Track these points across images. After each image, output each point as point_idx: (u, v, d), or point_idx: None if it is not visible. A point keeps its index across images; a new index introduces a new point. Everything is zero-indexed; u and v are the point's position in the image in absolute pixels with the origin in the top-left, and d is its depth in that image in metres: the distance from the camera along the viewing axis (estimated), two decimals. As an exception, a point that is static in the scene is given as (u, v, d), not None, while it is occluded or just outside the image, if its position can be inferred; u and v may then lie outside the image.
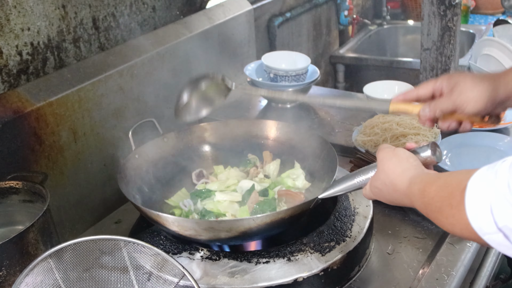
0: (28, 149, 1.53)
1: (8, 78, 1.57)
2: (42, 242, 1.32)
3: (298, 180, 1.53)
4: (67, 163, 1.64)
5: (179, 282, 1.19)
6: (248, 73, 2.23)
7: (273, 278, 1.25)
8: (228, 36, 2.27)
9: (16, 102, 1.51)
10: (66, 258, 1.18)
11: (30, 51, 1.62)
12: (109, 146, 1.78)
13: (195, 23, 2.13)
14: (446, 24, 2.01)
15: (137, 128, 1.58)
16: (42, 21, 1.64)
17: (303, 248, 1.33)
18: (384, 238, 1.50)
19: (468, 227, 0.84)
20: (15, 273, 1.25)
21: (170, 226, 1.33)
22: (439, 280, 1.30)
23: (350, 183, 1.25)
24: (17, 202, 1.46)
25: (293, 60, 2.28)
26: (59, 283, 1.18)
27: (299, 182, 1.53)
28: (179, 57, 2.02)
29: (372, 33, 3.86)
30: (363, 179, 1.22)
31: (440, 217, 0.94)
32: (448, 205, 0.90)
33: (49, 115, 1.57)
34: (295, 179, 1.54)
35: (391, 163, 1.12)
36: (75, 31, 1.75)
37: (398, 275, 1.37)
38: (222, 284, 1.24)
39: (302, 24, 3.19)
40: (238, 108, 2.23)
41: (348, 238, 1.36)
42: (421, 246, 1.46)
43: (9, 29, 1.55)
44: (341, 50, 3.57)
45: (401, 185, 1.08)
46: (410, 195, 1.05)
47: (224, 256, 1.32)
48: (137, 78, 1.84)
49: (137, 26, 1.99)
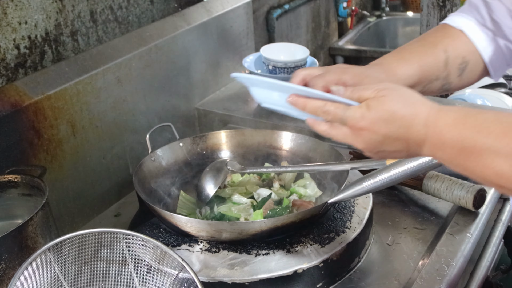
0: (27, 143, 1.53)
1: (6, 72, 1.57)
2: (41, 236, 1.31)
3: (309, 188, 1.54)
4: (65, 157, 1.64)
5: (178, 275, 1.19)
6: (247, 65, 2.23)
7: (272, 269, 1.25)
8: (226, 28, 2.26)
9: (14, 95, 1.50)
10: (65, 251, 1.18)
11: (27, 45, 1.61)
12: (108, 140, 1.77)
13: (193, 16, 2.12)
14: (445, 14, 2.01)
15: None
16: (39, 14, 1.63)
17: (303, 240, 1.33)
18: (384, 229, 1.50)
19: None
20: (14, 267, 1.25)
21: (183, 227, 1.34)
22: (439, 270, 1.30)
23: (358, 187, 1.25)
24: (15, 196, 1.45)
25: (292, 52, 2.27)
26: (59, 276, 1.18)
27: (311, 190, 1.53)
28: (177, 49, 2.02)
29: (371, 25, 3.86)
30: (372, 183, 1.22)
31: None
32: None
33: (47, 109, 1.56)
34: (307, 187, 1.54)
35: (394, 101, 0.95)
36: (72, 24, 1.74)
37: (398, 266, 1.37)
38: (222, 276, 1.24)
39: (301, 16, 3.18)
40: (237, 101, 2.22)
41: (348, 229, 1.35)
42: (421, 237, 1.46)
43: (6, 23, 1.54)
44: (340, 42, 3.56)
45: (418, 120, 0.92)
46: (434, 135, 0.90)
47: (223, 248, 1.32)
48: (135, 71, 1.84)
49: (135, 18, 1.99)
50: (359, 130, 0.95)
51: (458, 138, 0.88)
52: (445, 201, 1.53)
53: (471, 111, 0.89)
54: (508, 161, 0.83)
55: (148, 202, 1.39)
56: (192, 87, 2.13)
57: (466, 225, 1.44)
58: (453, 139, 0.88)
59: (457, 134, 0.88)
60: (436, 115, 0.91)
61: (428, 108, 0.92)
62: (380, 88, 0.95)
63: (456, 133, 0.88)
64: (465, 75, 1.24)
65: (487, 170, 0.85)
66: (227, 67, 2.32)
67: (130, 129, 1.85)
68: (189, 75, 2.10)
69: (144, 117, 1.90)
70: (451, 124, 0.89)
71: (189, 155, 1.66)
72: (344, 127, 0.97)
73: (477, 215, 1.47)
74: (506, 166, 0.83)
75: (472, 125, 0.87)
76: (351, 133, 0.97)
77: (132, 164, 1.85)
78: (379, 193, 1.62)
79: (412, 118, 0.92)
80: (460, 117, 0.89)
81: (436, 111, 0.91)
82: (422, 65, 1.21)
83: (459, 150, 0.88)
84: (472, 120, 0.88)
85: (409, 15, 3.94)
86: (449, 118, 0.90)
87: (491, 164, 0.84)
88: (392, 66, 1.20)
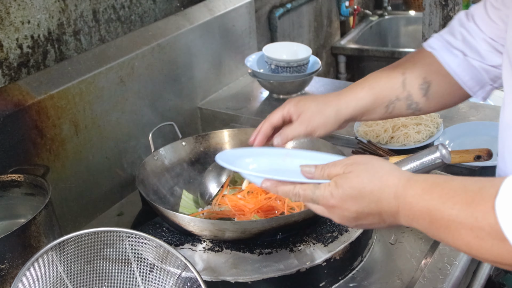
0: (30, 142, 1.53)
1: (9, 72, 1.57)
2: (44, 235, 1.32)
3: None
4: (68, 156, 1.64)
5: (181, 274, 1.19)
6: (249, 64, 2.23)
7: (276, 269, 1.25)
8: (229, 28, 2.26)
9: (17, 95, 1.50)
10: (69, 250, 1.18)
11: (30, 44, 1.62)
12: (110, 139, 1.77)
13: (195, 15, 2.12)
14: (448, 13, 2.01)
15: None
16: (42, 14, 1.63)
17: (306, 239, 1.33)
18: (387, 228, 1.50)
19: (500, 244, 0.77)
20: (17, 266, 1.25)
21: (186, 226, 1.34)
22: (442, 269, 1.30)
23: None
24: (19, 195, 1.45)
25: (294, 51, 2.27)
26: (62, 276, 1.18)
27: None
28: (180, 49, 2.02)
29: (373, 24, 3.85)
30: None
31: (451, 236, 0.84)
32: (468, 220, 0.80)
33: (50, 108, 1.57)
34: None
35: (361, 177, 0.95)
36: (75, 23, 1.75)
37: (401, 265, 1.37)
38: (225, 276, 1.24)
39: (303, 15, 3.18)
40: (239, 100, 2.22)
41: (351, 229, 1.35)
42: (424, 236, 1.46)
43: (9, 22, 1.55)
44: (342, 41, 3.56)
45: (386, 196, 0.92)
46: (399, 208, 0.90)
47: (226, 248, 1.32)
48: (138, 70, 1.84)
49: (138, 18, 1.99)
50: (331, 208, 0.97)
51: (426, 209, 0.86)
52: (448, 200, 1.52)
53: (439, 179, 0.88)
54: (472, 233, 0.80)
55: (151, 201, 1.39)
56: (195, 87, 2.13)
57: (469, 224, 1.44)
58: (423, 211, 0.87)
59: (425, 206, 0.86)
60: (404, 186, 0.90)
61: (397, 179, 0.91)
62: (348, 163, 0.96)
63: (424, 205, 0.87)
64: (431, 95, 1.27)
65: (457, 242, 0.84)
66: (230, 67, 2.32)
67: (132, 128, 1.85)
68: (192, 74, 2.10)
69: (147, 116, 1.90)
70: (419, 195, 0.88)
71: (192, 154, 1.66)
72: (318, 205, 0.99)
73: (480, 214, 1.46)
74: (471, 237, 0.80)
75: (438, 195, 0.85)
76: (326, 210, 0.98)
77: (135, 163, 1.85)
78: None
79: (381, 192, 0.92)
80: (427, 187, 0.88)
81: (404, 182, 0.90)
82: (374, 87, 1.27)
83: (430, 221, 0.86)
84: (438, 190, 0.86)
85: (411, 14, 3.94)
86: (417, 188, 0.88)
87: (459, 236, 0.82)
88: (343, 93, 1.28)
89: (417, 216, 0.88)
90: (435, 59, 1.26)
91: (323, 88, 2.32)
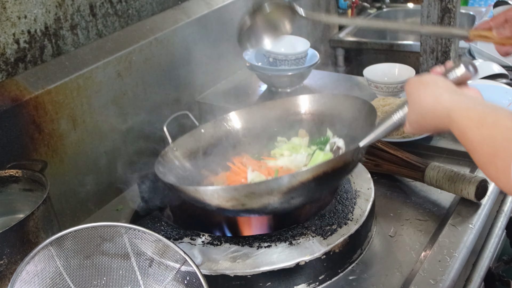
0: (28, 138, 1.53)
1: (6, 67, 1.57)
2: (42, 230, 1.31)
3: (339, 143, 1.48)
4: (66, 151, 1.64)
5: (180, 268, 1.19)
6: (248, 57, 2.22)
7: (275, 262, 1.25)
8: (226, 21, 2.25)
9: (15, 90, 1.50)
10: (67, 245, 1.18)
11: (27, 39, 1.61)
12: (109, 134, 1.77)
13: (193, 9, 2.11)
14: (446, 6, 1.99)
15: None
16: (38, 8, 1.63)
17: (305, 232, 1.32)
18: (386, 220, 1.50)
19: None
20: (16, 261, 1.25)
21: (209, 200, 1.27)
22: (442, 262, 1.30)
23: (389, 123, 1.20)
24: (17, 191, 1.45)
25: (292, 44, 2.26)
26: (61, 271, 1.18)
27: (340, 143, 1.48)
28: (177, 43, 2.01)
29: (372, 17, 3.84)
30: (402, 115, 1.17)
31: (486, 166, 0.92)
32: (492, 163, 0.89)
33: (48, 103, 1.56)
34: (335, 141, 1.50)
35: (420, 93, 1.08)
36: (72, 18, 1.74)
37: (400, 257, 1.37)
38: (224, 269, 1.24)
39: (301, 8, 3.16)
40: (238, 94, 2.22)
41: (350, 221, 1.35)
42: (423, 228, 1.46)
43: (6, 17, 1.54)
44: (341, 34, 3.55)
45: (440, 111, 1.03)
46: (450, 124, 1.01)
47: (225, 241, 1.32)
48: (135, 64, 1.83)
49: (135, 12, 1.98)
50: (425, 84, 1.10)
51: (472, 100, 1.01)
52: (447, 193, 1.53)
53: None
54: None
55: (176, 185, 1.34)
56: (193, 80, 2.13)
57: (468, 216, 1.44)
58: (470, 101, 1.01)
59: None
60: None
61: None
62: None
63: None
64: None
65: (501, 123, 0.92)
66: (228, 60, 2.31)
67: (130, 123, 1.84)
68: (190, 68, 2.10)
69: (145, 111, 1.90)
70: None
71: (213, 139, 1.62)
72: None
73: (479, 206, 1.47)
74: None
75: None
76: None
77: (133, 158, 1.84)
78: (381, 185, 1.62)
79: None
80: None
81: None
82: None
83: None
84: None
85: (410, 7, 3.92)
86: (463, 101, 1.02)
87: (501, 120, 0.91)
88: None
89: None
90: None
91: (322, 81, 2.32)
